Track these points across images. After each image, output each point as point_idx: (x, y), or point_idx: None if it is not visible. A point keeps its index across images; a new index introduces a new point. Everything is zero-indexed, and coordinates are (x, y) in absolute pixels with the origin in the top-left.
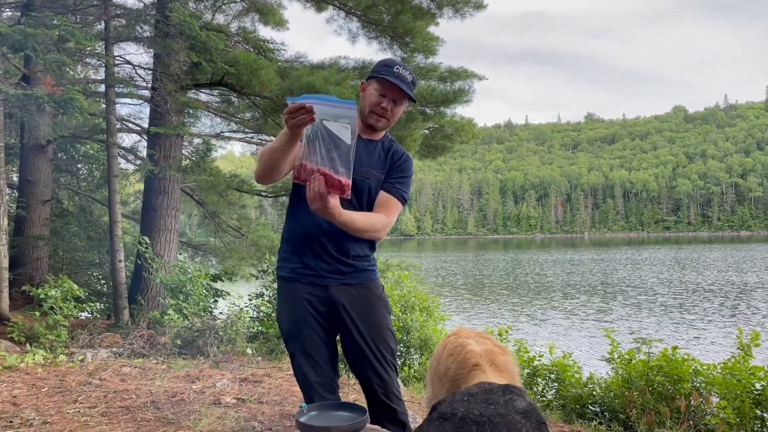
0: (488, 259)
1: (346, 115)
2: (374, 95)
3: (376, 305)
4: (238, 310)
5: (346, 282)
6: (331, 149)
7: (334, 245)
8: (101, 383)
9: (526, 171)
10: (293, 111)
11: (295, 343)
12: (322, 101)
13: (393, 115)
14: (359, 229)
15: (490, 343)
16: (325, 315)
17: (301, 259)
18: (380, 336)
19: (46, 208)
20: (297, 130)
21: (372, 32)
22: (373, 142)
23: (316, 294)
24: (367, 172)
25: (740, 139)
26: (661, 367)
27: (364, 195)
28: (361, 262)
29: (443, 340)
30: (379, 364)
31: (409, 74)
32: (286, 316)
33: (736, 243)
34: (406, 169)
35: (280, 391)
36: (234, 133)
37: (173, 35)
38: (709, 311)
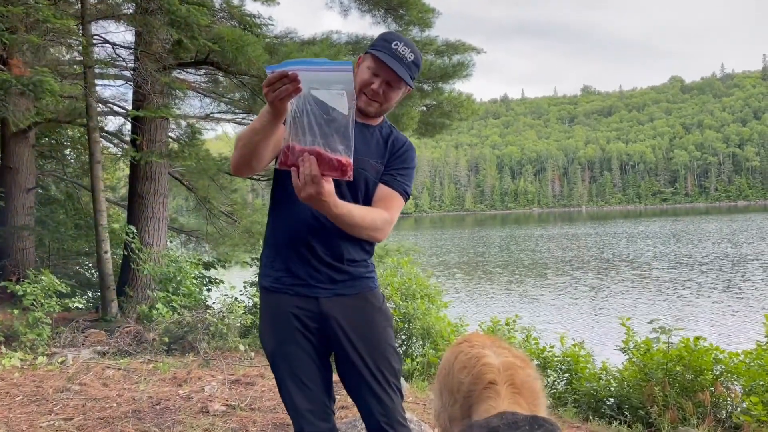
0: (485, 236)
1: (340, 80)
2: (366, 73)
3: (376, 318)
4: (230, 301)
5: (340, 292)
6: (324, 124)
7: (325, 247)
8: (81, 389)
9: (523, 145)
10: (274, 81)
11: (281, 365)
12: (310, 66)
13: (387, 99)
14: (357, 225)
15: (509, 354)
16: (315, 331)
17: (286, 265)
18: (381, 355)
19: (30, 196)
20: (280, 105)
21: (365, 5)
22: (370, 127)
23: (305, 307)
24: (364, 162)
25: (737, 109)
26: (681, 358)
27: (360, 188)
28: (357, 267)
29: (454, 346)
30: (381, 387)
31: (410, 52)
32: (269, 334)
33: (734, 213)
34: (408, 159)
35: (273, 395)
36: (224, 114)
37: (153, 11)
38: (704, 285)
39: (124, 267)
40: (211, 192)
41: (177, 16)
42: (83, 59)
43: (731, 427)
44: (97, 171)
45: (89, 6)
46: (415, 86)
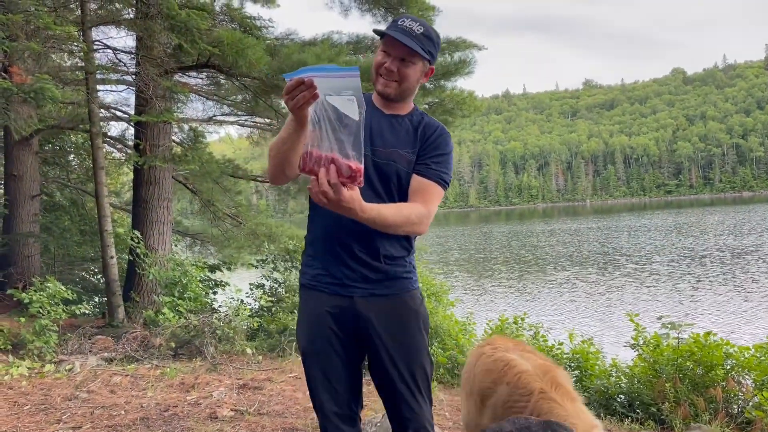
0: (488, 232)
1: (349, 86)
2: (378, 55)
3: (411, 322)
4: (236, 304)
5: (375, 292)
6: (338, 130)
7: (361, 245)
8: (89, 397)
9: (526, 141)
10: (292, 90)
11: (312, 363)
12: (322, 72)
13: (403, 77)
14: (391, 225)
15: (538, 358)
16: (349, 332)
17: (323, 264)
18: (416, 361)
19: (34, 203)
20: (301, 112)
21: (365, 4)
22: (399, 117)
23: (340, 306)
24: (393, 153)
25: (740, 99)
26: (692, 353)
27: (392, 181)
28: (394, 266)
29: (476, 349)
30: (411, 393)
31: (418, 26)
32: (304, 331)
33: (739, 204)
34: (442, 144)
35: (282, 399)
36: (227, 117)
37: (153, 16)
38: (708, 278)
39: (130, 272)
40: (216, 194)
41: (177, 20)
42: (85, 65)
43: (744, 423)
44: (100, 176)
45: (89, 12)
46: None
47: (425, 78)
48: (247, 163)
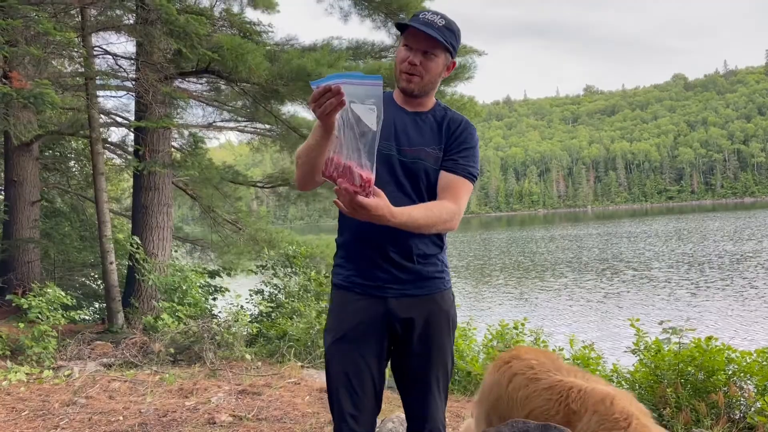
0: (488, 239)
1: (371, 94)
2: (401, 51)
3: (441, 323)
4: (235, 310)
5: (408, 293)
6: (357, 138)
7: (394, 246)
8: (87, 402)
9: (527, 147)
10: (319, 97)
11: (335, 362)
12: (348, 79)
13: (427, 71)
14: (423, 226)
15: (590, 377)
16: (380, 334)
17: (356, 266)
18: (440, 361)
19: (34, 209)
20: (328, 119)
21: (365, 9)
22: (422, 114)
23: (372, 307)
24: (419, 151)
25: (741, 105)
26: (693, 358)
27: (420, 179)
28: (426, 265)
29: (500, 366)
30: (431, 393)
31: (440, 18)
32: (332, 328)
33: (741, 210)
34: (468, 138)
35: (281, 404)
36: (226, 122)
37: (153, 21)
38: (706, 284)
39: (130, 278)
40: (216, 200)
41: (176, 26)
42: (84, 71)
43: (746, 428)
44: (100, 182)
45: (90, 18)
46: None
47: (447, 72)
48: (248, 169)
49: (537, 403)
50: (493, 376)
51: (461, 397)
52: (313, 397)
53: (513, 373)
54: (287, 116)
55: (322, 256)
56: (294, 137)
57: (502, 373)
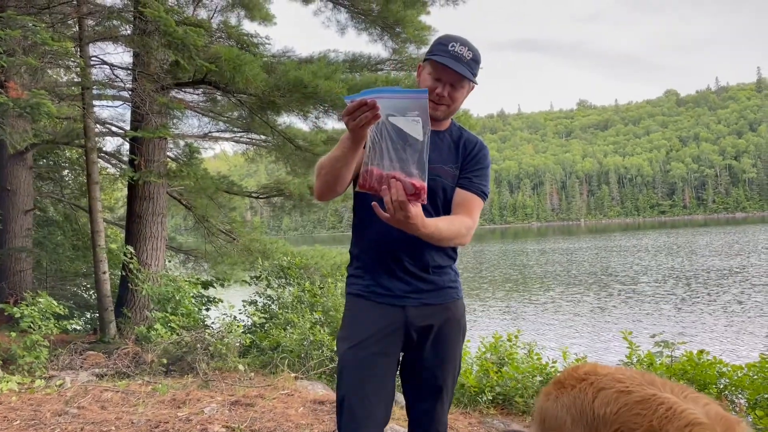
0: (480, 251)
1: (415, 107)
2: (428, 80)
3: (453, 331)
4: (229, 321)
5: (426, 302)
6: (400, 149)
7: (411, 258)
8: (79, 412)
9: (521, 160)
10: (354, 111)
11: (350, 370)
12: (387, 93)
13: (453, 101)
14: (444, 239)
15: (706, 401)
16: (396, 342)
17: (373, 276)
18: (449, 369)
19: (27, 218)
20: (361, 132)
21: (361, 23)
22: (440, 133)
23: (390, 316)
24: (439, 170)
25: (732, 121)
26: (685, 372)
27: (438, 196)
28: (441, 276)
29: (575, 386)
30: (438, 399)
31: (468, 51)
32: (348, 338)
33: (732, 225)
34: (482, 159)
35: (274, 415)
36: (222, 133)
37: (150, 32)
38: (694, 299)
39: (123, 287)
40: (210, 211)
41: (174, 37)
42: (81, 81)
43: None
44: (94, 192)
45: (87, 28)
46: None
47: (467, 96)
48: (242, 180)
49: (627, 417)
50: (566, 397)
51: (455, 409)
52: (307, 409)
53: (598, 389)
54: (283, 127)
55: (317, 267)
56: (289, 148)
57: (582, 390)
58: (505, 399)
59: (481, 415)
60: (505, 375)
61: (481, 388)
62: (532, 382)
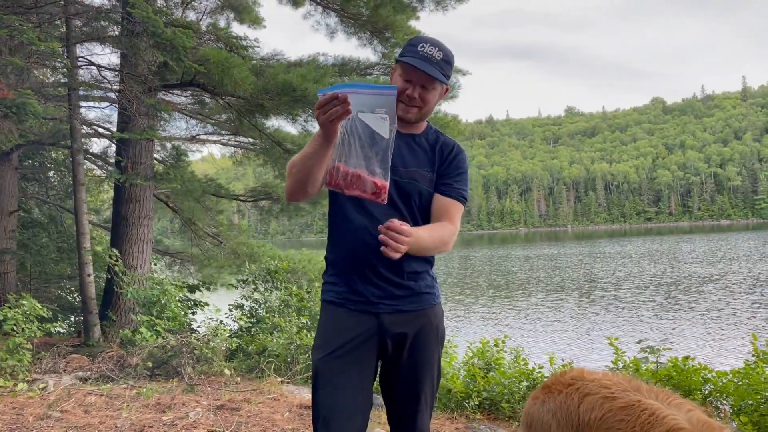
0: (465, 257)
1: (384, 104)
2: (399, 81)
3: (431, 338)
4: (215, 324)
5: (401, 308)
6: (367, 146)
7: (386, 264)
8: (62, 416)
9: (509, 166)
10: (325, 104)
11: (325, 379)
12: (357, 89)
13: (425, 103)
14: (428, 249)
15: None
16: (372, 349)
17: (348, 283)
18: (428, 375)
19: (11, 219)
20: (331, 127)
21: (351, 27)
22: (416, 136)
23: (365, 323)
24: (414, 173)
25: (718, 129)
26: (671, 378)
27: (413, 199)
28: (418, 282)
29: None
30: (418, 406)
31: (438, 51)
32: (323, 346)
33: (717, 232)
34: (461, 163)
35: (260, 420)
36: (210, 136)
37: (139, 34)
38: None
39: (108, 290)
40: (197, 214)
41: (162, 38)
42: (68, 81)
43: None
44: (80, 193)
45: (74, 28)
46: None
47: (441, 97)
48: (230, 183)
49: (611, 423)
50: (553, 401)
51: (441, 415)
52: (293, 413)
53: (584, 394)
54: (271, 130)
55: (304, 271)
56: (278, 151)
57: (568, 395)
58: (492, 404)
59: (468, 421)
60: (492, 380)
61: (468, 393)
62: (519, 387)
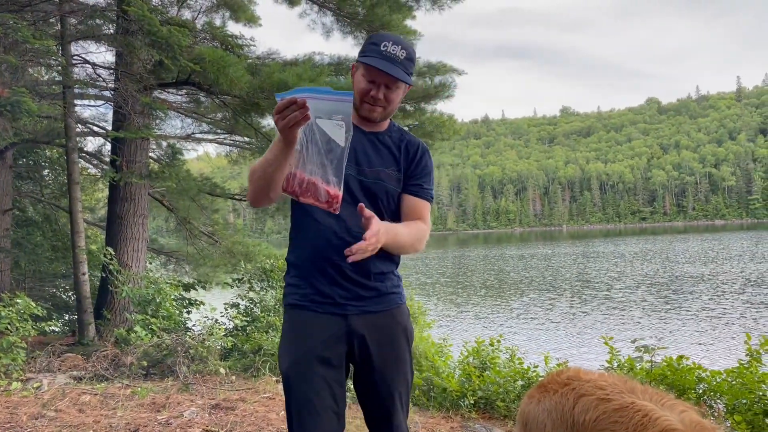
0: (459, 256)
1: (340, 110)
2: (362, 82)
3: (399, 337)
4: (210, 323)
5: (368, 309)
6: (323, 153)
7: (352, 265)
8: (56, 416)
9: (504, 165)
10: (283, 109)
11: (295, 385)
12: (316, 94)
13: (389, 102)
14: (405, 246)
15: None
16: (340, 351)
17: (312, 284)
18: (400, 375)
19: (6, 218)
20: (291, 133)
21: (347, 26)
22: (380, 134)
23: (332, 325)
24: (380, 173)
25: (712, 129)
26: (665, 377)
27: (381, 199)
28: (384, 282)
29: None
30: (393, 406)
31: (401, 50)
32: (290, 352)
33: (711, 232)
34: (428, 162)
35: (255, 419)
36: (205, 134)
37: (134, 32)
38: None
39: (102, 289)
40: (192, 212)
41: (158, 37)
42: (63, 79)
43: None
44: (75, 192)
45: (69, 26)
46: (398, 106)
47: (404, 94)
48: (225, 182)
49: (605, 425)
50: (549, 401)
51: (437, 413)
52: None
53: (579, 395)
54: (267, 129)
55: None
56: None
57: (564, 395)
58: (487, 403)
59: (463, 419)
60: (487, 379)
61: (464, 392)
62: (514, 386)
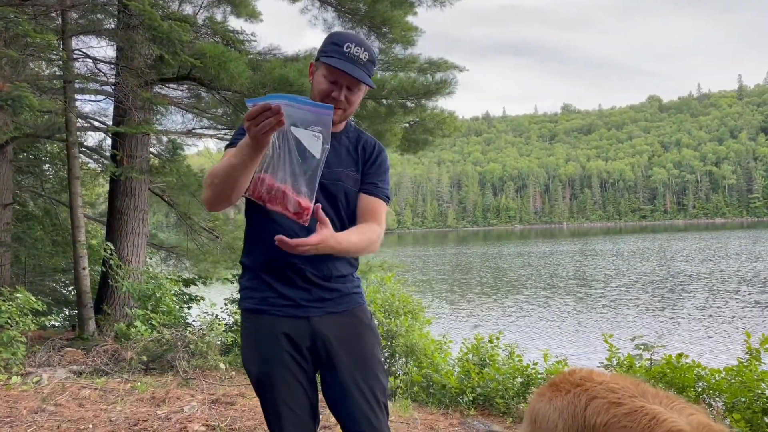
0: (457, 253)
1: (319, 122)
2: (323, 83)
3: (366, 335)
4: (210, 319)
5: (331, 310)
6: (296, 162)
7: (313, 268)
8: (56, 410)
9: (505, 162)
10: (256, 115)
11: (268, 390)
12: (292, 102)
13: (350, 104)
14: (359, 251)
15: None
16: (305, 352)
17: (273, 287)
18: (371, 372)
19: (6, 212)
20: (263, 139)
21: (348, 22)
22: (337, 135)
23: (295, 328)
24: (339, 173)
25: (713, 128)
26: (664, 375)
27: (340, 201)
28: (345, 283)
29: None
30: (369, 405)
31: (364, 52)
32: (255, 357)
33: (711, 230)
34: (383, 162)
35: (254, 414)
36: (206, 130)
37: (135, 27)
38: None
39: (102, 284)
40: (192, 208)
41: (159, 32)
42: (63, 74)
43: None
44: (75, 187)
45: (70, 21)
46: (399, 103)
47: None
48: None
49: (615, 429)
50: (560, 400)
51: (436, 410)
52: None
53: (591, 397)
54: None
55: None
56: None
57: (576, 396)
58: (486, 400)
59: (462, 416)
60: (486, 376)
61: (462, 389)
62: (513, 383)
